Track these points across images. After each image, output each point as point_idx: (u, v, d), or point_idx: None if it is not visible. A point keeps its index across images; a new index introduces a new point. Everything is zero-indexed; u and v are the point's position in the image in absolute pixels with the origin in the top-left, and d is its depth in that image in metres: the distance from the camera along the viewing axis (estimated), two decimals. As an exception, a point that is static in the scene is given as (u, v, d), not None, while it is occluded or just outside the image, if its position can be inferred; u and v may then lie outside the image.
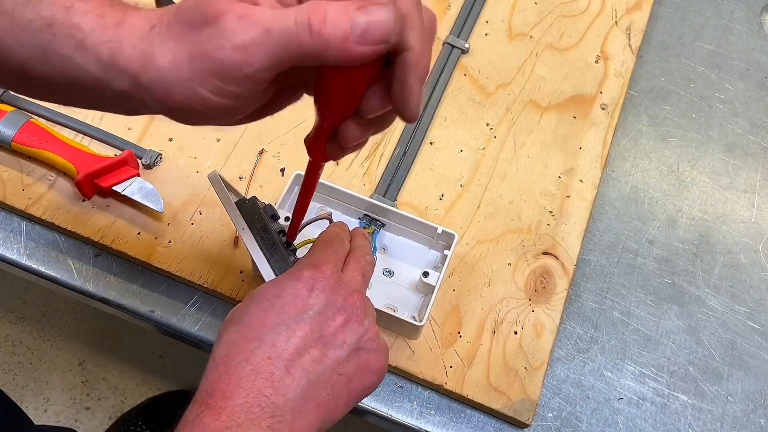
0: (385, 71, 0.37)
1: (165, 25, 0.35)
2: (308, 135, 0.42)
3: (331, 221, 0.58)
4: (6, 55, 0.36)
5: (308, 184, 0.47)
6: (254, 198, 0.52)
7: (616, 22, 0.80)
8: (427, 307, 0.57)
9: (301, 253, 0.53)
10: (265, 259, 0.49)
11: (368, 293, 0.50)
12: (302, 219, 0.50)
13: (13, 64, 0.36)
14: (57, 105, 0.68)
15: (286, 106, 0.43)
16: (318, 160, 0.44)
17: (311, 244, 0.54)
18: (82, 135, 0.68)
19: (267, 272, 0.48)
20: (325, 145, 0.41)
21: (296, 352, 0.41)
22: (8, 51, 0.36)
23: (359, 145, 0.42)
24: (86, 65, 0.35)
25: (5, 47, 0.36)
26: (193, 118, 0.37)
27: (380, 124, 0.41)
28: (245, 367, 0.40)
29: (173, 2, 0.72)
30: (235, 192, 0.54)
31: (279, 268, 0.49)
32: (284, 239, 0.51)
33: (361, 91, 0.37)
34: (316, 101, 0.39)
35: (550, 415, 0.60)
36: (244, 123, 0.41)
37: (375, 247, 0.61)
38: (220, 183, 0.51)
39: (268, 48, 0.33)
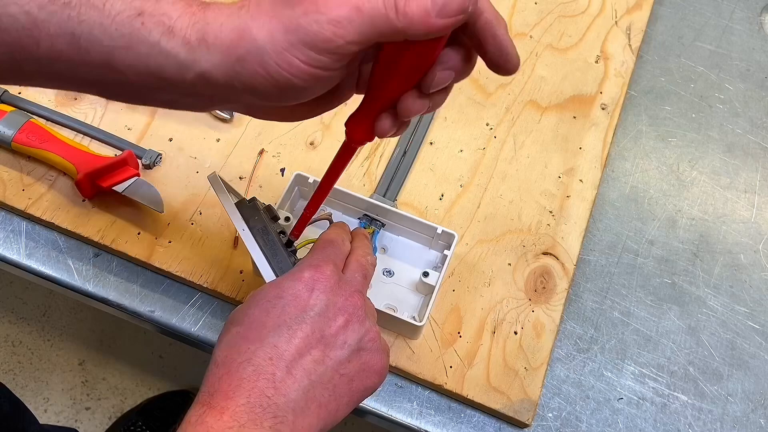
0: (451, 46, 0.40)
1: (255, 5, 0.37)
2: (352, 116, 0.43)
3: (331, 222, 0.58)
4: (93, 47, 0.38)
5: (336, 170, 0.47)
6: (254, 199, 0.52)
7: (616, 22, 0.80)
8: (427, 307, 0.57)
9: (301, 253, 0.53)
10: (265, 260, 0.49)
11: (368, 293, 0.50)
12: (316, 211, 0.50)
13: (99, 55, 0.38)
14: (57, 105, 0.69)
15: (336, 104, 0.44)
16: (359, 140, 0.44)
17: (311, 244, 0.54)
18: (82, 135, 0.68)
19: (267, 273, 0.48)
20: (372, 123, 0.42)
21: (297, 353, 0.41)
22: (96, 42, 0.37)
23: (406, 124, 0.44)
24: (172, 49, 0.37)
25: (93, 39, 0.37)
26: (276, 92, 0.38)
27: (439, 97, 0.42)
28: (247, 367, 0.40)
29: None
30: (235, 193, 0.54)
31: (279, 268, 0.49)
32: (285, 240, 0.51)
33: (429, 63, 0.39)
34: (376, 79, 0.41)
35: (550, 415, 0.60)
36: (306, 116, 0.44)
37: (375, 247, 0.61)
38: (219, 184, 0.51)
39: (358, 24, 0.35)
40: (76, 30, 0.37)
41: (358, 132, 0.43)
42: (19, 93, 0.69)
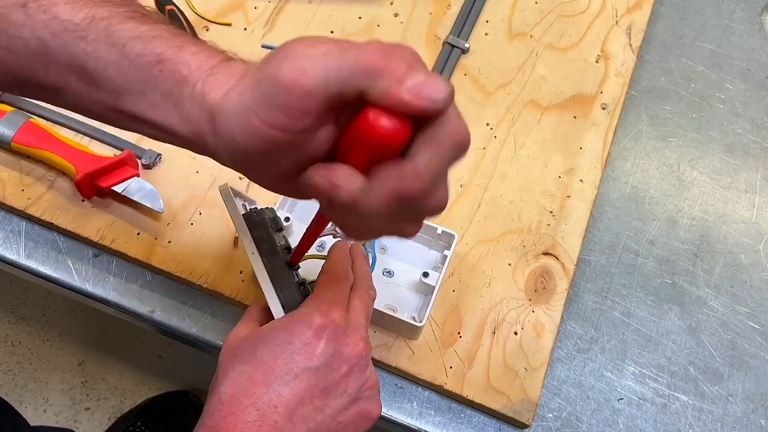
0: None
1: (254, 66, 0.36)
2: None
3: (335, 235, 0.58)
4: (105, 86, 0.37)
5: (320, 225, 0.47)
6: (262, 211, 0.52)
7: (616, 21, 0.80)
8: (427, 307, 0.57)
9: (304, 265, 0.53)
10: (273, 291, 0.48)
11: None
12: (309, 247, 0.49)
13: (109, 94, 0.37)
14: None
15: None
16: None
17: (313, 259, 0.54)
18: (81, 135, 0.68)
19: (277, 309, 0.48)
20: None
21: (300, 402, 0.42)
22: (109, 82, 0.37)
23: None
24: (180, 100, 0.36)
25: (107, 78, 0.37)
26: (249, 161, 0.37)
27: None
28: (252, 412, 0.41)
29: (172, 2, 0.72)
30: (245, 199, 0.54)
31: (285, 297, 0.48)
32: (288, 257, 0.51)
33: (387, 148, 0.34)
34: (338, 147, 0.37)
35: (551, 415, 0.60)
36: (288, 193, 0.40)
37: (375, 247, 0.61)
38: (230, 196, 0.50)
39: (322, 69, 0.33)
40: (90, 66, 0.37)
41: None
42: (19, 93, 0.69)
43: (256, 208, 0.52)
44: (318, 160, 0.37)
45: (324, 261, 0.50)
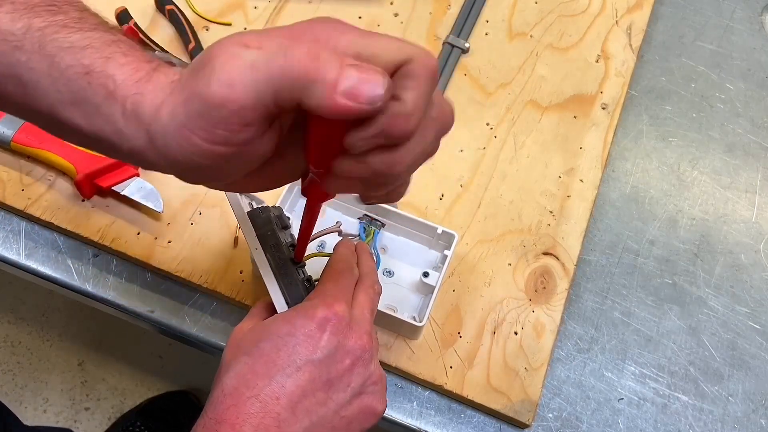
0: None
1: (182, 78, 0.35)
2: (302, 184, 0.41)
3: (340, 233, 0.58)
4: (39, 96, 0.36)
5: (310, 218, 0.46)
6: (267, 208, 0.51)
7: (616, 21, 0.80)
8: (427, 307, 0.57)
9: (309, 264, 0.53)
10: (277, 286, 0.48)
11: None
12: (307, 242, 0.49)
13: (45, 106, 0.36)
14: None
15: (289, 180, 0.41)
16: (319, 200, 0.43)
17: (318, 257, 0.54)
18: (81, 135, 0.68)
19: (280, 303, 0.48)
20: (323, 187, 0.39)
21: (303, 395, 0.42)
22: (42, 93, 0.36)
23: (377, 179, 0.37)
24: (111, 115, 0.35)
25: (40, 88, 0.36)
26: (196, 174, 0.37)
27: (377, 159, 0.36)
28: (254, 404, 0.41)
29: (173, 1, 0.72)
30: (251, 197, 0.54)
31: (290, 292, 0.48)
32: (293, 253, 0.51)
33: (341, 133, 0.34)
34: (304, 145, 0.38)
35: (551, 415, 0.60)
36: (252, 189, 0.41)
37: (375, 247, 0.61)
38: (234, 194, 0.50)
39: (251, 82, 0.32)
40: (24, 76, 0.36)
41: (314, 193, 0.42)
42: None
43: (261, 206, 0.52)
44: (261, 162, 0.37)
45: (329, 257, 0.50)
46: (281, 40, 0.33)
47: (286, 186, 0.61)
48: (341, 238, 0.59)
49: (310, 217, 0.46)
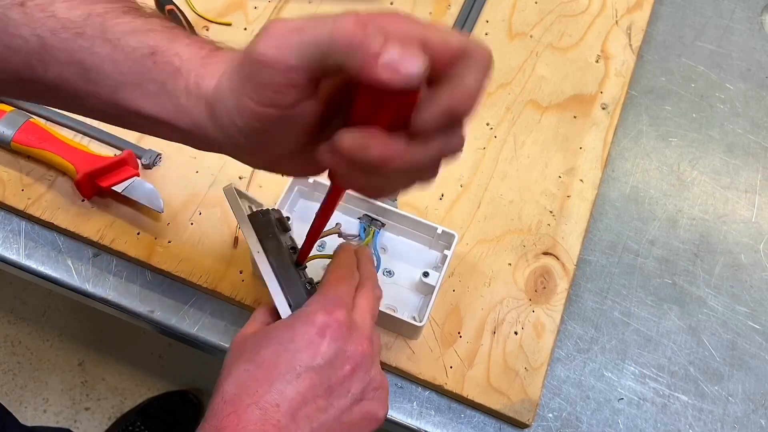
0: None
1: (240, 52, 0.36)
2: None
3: (340, 234, 0.58)
4: (101, 80, 0.38)
5: (328, 210, 0.46)
6: (267, 210, 0.51)
7: (616, 21, 0.80)
8: (427, 307, 0.57)
9: (310, 266, 0.53)
10: (279, 290, 0.48)
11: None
12: (315, 242, 0.49)
13: (106, 90, 0.38)
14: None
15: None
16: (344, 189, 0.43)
17: (319, 259, 0.54)
18: (81, 135, 0.68)
19: (282, 306, 0.48)
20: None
21: (303, 401, 0.42)
22: (105, 76, 0.38)
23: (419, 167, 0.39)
24: (174, 91, 0.37)
25: (103, 72, 0.37)
26: (250, 144, 0.37)
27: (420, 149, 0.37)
28: (254, 411, 0.41)
29: (173, 1, 0.72)
30: (250, 200, 0.54)
31: (292, 296, 0.48)
32: (295, 257, 0.51)
33: (399, 107, 0.34)
34: (346, 119, 0.37)
35: (551, 415, 0.60)
36: (293, 171, 0.43)
37: (375, 248, 0.61)
38: (235, 197, 0.50)
39: (297, 44, 0.33)
40: (87, 61, 0.37)
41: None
42: (19, 93, 0.69)
43: (261, 208, 0.52)
44: (309, 134, 0.37)
45: (329, 261, 0.50)
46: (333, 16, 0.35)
47: (286, 187, 0.61)
48: (341, 239, 0.59)
49: (324, 214, 0.46)
